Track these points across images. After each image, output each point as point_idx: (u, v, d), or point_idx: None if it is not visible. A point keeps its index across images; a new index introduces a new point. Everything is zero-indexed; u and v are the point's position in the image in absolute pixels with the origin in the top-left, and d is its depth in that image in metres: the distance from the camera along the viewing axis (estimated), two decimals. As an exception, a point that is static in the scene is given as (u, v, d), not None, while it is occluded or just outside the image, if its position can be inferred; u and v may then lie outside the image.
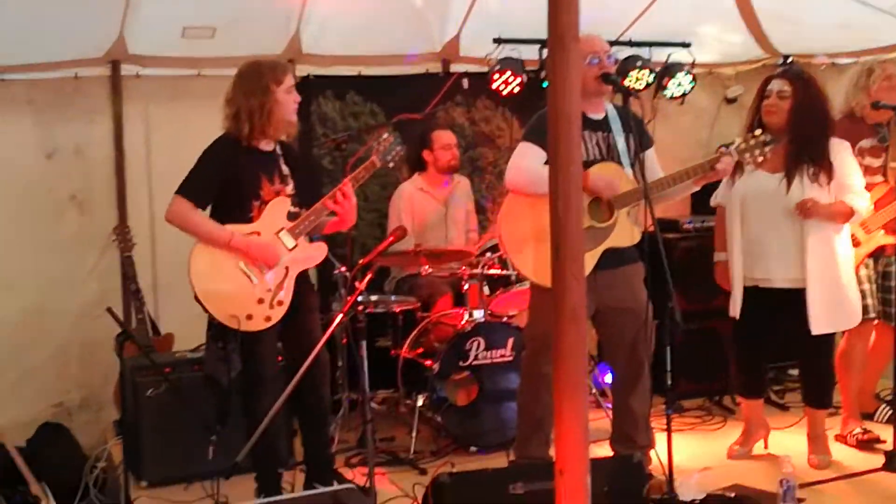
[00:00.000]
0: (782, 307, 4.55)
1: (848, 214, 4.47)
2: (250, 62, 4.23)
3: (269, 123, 4.11)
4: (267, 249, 4.11)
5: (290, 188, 4.27)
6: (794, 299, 4.48)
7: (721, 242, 4.74)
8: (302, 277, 4.26)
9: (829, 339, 4.62)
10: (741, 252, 4.58)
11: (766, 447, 4.92)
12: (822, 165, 4.44)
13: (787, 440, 4.98)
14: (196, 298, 4.07)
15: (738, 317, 4.62)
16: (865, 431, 4.93)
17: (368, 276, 4.09)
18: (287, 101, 4.15)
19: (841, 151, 4.52)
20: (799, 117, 4.45)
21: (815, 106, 4.48)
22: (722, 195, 4.75)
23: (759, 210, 4.53)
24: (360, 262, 4.40)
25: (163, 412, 4.60)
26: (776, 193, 4.46)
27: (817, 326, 4.46)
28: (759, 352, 4.79)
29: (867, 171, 4.85)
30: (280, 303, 4.14)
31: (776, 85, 4.49)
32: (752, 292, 4.59)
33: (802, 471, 4.49)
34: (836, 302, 4.51)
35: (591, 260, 4.13)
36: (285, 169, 4.28)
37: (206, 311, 4.08)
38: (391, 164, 4.36)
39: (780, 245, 4.51)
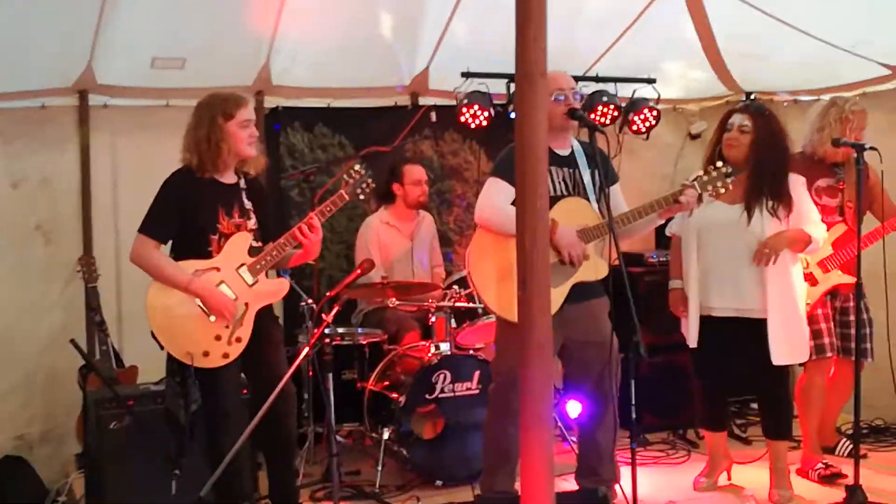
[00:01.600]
0: (738, 337, 4.58)
1: (806, 242, 4.52)
2: (208, 95, 4.22)
3: (218, 156, 4.08)
4: (224, 302, 4.07)
5: (252, 223, 4.25)
6: (751, 330, 4.52)
7: (676, 270, 4.79)
8: (264, 311, 4.23)
9: (785, 370, 4.66)
10: (697, 281, 4.64)
11: (729, 479, 4.95)
12: (782, 199, 4.52)
13: (751, 474, 5.00)
14: (152, 335, 4.05)
15: (694, 345, 4.67)
16: (827, 466, 4.96)
17: (336, 309, 4.09)
18: (239, 134, 4.11)
19: (798, 186, 4.61)
20: (759, 151, 4.52)
21: (775, 141, 4.55)
22: (678, 225, 4.80)
23: (718, 240, 4.59)
24: (328, 294, 4.39)
25: (126, 445, 4.53)
26: (736, 225, 4.52)
27: (778, 357, 4.50)
28: (719, 382, 4.81)
29: (824, 210, 4.93)
30: (238, 339, 4.11)
31: (738, 119, 4.56)
32: (708, 322, 4.63)
33: (766, 504, 4.52)
34: (794, 333, 4.57)
35: (560, 296, 4.15)
36: (247, 203, 4.25)
37: (161, 347, 4.06)
38: (361, 197, 4.36)
39: (737, 275, 4.55)
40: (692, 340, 4.66)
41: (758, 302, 4.51)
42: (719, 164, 4.27)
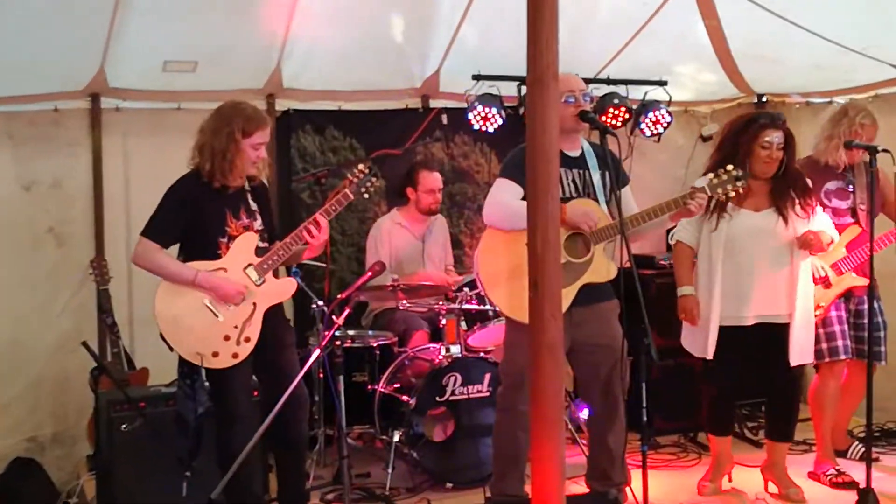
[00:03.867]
0: (760, 343, 4.62)
1: (831, 243, 4.70)
2: (231, 103, 4.23)
3: (231, 171, 4.11)
4: (232, 285, 4.09)
5: (258, 224, 4.27)
6: (772, 334, 4.59)
7: (685, 277, 4.74)
8: (274, 313, 4.25)
9: (800, 370, 4.73)
10: (721, 293, 4.62)
11: (730, 480, 4.98)
12: (808, 195, 4.65)
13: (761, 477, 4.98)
14: (162, 337, 4.06)
15: (711, 356, 4.65)
16: (839, 473, 4.95)
17: (346, 311, 4.09)
18: (248, 152, 4.14)
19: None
20: (788, 161, 4.62)
21: (794, 146, 4.65)
22: (688, 235, 4.76)
23: (753, 248, 4.61)
24: (338, 296, 4.39)
25: (137, 447, 4.55)
26: (772, 230, 4.60)
27: (797, 358, 4.59)
28: (736, 390, 4.85)
29: (836, 212, 4.95)
30: (248, 339, 4.12)
31: (775, 138, 4.57)
32: (729, 330, 4.62)
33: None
34: (810, 333, 4.68)
35: (568, 296, 4.14)
36: (253, 205, 4.28)
37: (171, 348, 4.07)
38: (366, 196, 4.37)
39: (771, 281, 4.61)
40: (709, 351, 4.64)
41: (786, 306, 4.59)
42: (729, 166, 4.25)
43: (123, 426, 4.57)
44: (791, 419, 4.80)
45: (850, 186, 4.97)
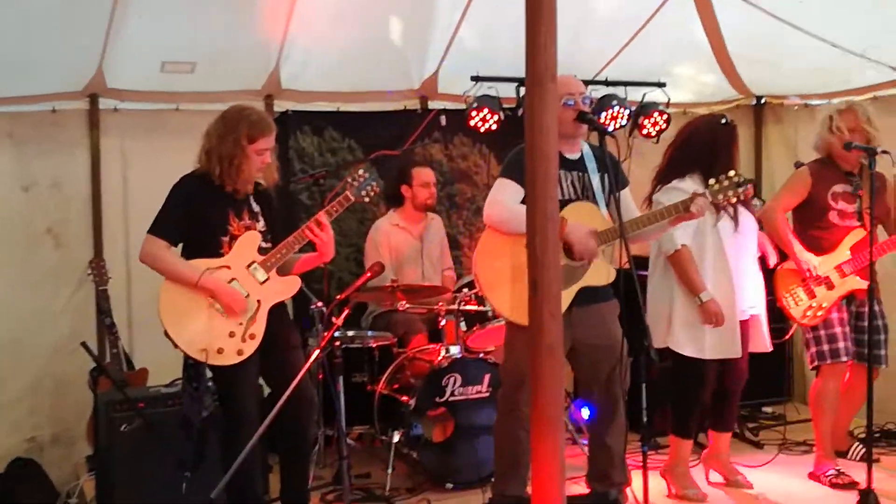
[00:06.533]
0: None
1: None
2: (237, 107, 4.24)
3: (238, 176, 4.12)
4: (235, 297, 4.09)
5: (260, 225, 4.28)
6: (745, 326, 4.78)
7: (702, 281, 4.60)
8: (278, 313, 4.25)
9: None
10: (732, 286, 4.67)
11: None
12: None
13: (761, 478, 5.02)
14: (165, 334, 4.06)
15: (740, 354, 4.70)
16: (840, 474, 4.95)
17: (345, 312, 4.09)
18: (255, 160, 4.15)
19: None
20: None
21: None
22: (688, 238, 4.65)
23: (744, 242, 4.75)
24: (337, 297, 4.39)
25: (136, 448, 4.54)
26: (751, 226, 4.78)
27: (768, 345, 4.91)
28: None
29: (842, 215, 4.95)
30: (252, 336, 4.12)
31: None
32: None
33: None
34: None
35: (566, 298, 4.14)
36: (256, 207, 4.29)
37: (175, 346, 4.07)
38: (366, 199, 4.37)
39: (750, 275, 4.79)
40: (736, 348, 4.67)
41: (758, 298, 4.86)
42: (731, 172, 4.22)
43: (123, 427, 4.57)
44: (735, 410, 5.09)
45: (860, 191, 4.94)
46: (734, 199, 4.24)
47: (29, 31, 4.80)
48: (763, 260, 5.05)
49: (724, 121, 4.73)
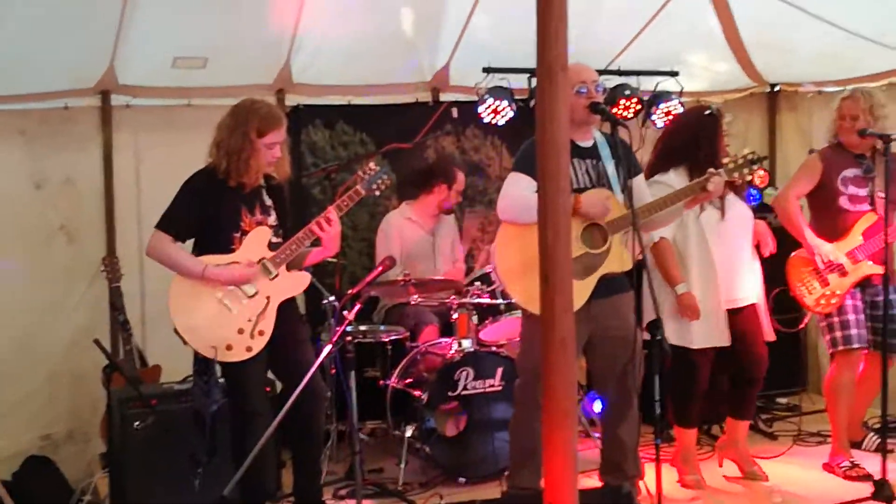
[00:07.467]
0: (737, 324, 4.74)
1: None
2: (248, 101, 4.22)
3: (246, 171, 4.11)
4: (239, 272, 4.08)
5: (272, 219, 4.27)
6: (744, 315, 4.76)
7: (679, 274, 4.63)
8: (288, 308, 4.24)
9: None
10: (719, 276, 4.66)
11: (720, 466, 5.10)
12: None
13: (776, 469, 5.00)
14: (175, 331, 4.06)
15: (729, 343, 4.68)
16: (854, 465, 4.91)
17: (357, 307, 4.08)
18: (264, 153, 4.14)
19: None
20: None
21: None
22: (669, 232, 4.66)
23: (739, 231, 4.78)
24: (349, 292, 4.38)
25: (150, 444, 4.55)
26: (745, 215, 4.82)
27: (770, 334, 4.86)
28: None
29: (853, 199, 4.91)
30: (261, 333, 4.12)
31: None
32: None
33: (792, 499, 4.52)
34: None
35: (588, 287, 4.10)
36: (268, 200, 4.28)
37: (185, 342, 4.07)
38: (377, 193, 4.37)
39: (745, 263, 4.80)
40: (725, 338, 4.66)
41: (754, 287, 4.84)
42: (745, 150, 4.24)
43: (136, 423, 4.58)
44: (754, 398, 5.01)
45: (870, 174, 4.91)
46: (749, 177, 4.28)
47: (40, 28, 4.81)
48: (758, 249, 4.99)
49: (708, 111, 4.74)
